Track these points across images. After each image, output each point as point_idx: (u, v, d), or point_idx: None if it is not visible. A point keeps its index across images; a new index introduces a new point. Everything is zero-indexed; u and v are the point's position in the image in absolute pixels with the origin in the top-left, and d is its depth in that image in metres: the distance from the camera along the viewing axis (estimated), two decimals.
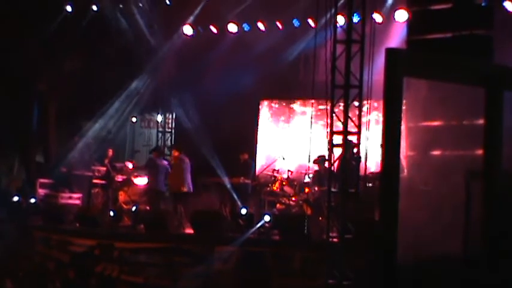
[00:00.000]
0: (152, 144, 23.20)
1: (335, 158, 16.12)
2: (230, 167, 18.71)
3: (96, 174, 20.82)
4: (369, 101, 14.02)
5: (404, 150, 15.95)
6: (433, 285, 9.58)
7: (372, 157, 14.25)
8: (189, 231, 16.72)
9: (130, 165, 20.83)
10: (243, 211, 16.74)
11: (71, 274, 17.14)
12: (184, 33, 21.74)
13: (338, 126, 13.51)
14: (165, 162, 19.81)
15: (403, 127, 7.44)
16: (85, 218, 18.19)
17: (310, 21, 18.88)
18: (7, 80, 22.05)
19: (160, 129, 23.23)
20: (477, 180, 8.48)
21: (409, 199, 16.39)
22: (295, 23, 19.84)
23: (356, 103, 13.45)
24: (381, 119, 6.59)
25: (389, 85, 6.41)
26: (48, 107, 23.75)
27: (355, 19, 13.86)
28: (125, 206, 19.55)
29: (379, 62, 8.14)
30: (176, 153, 18.67)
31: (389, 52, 6.48)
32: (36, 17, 21.47)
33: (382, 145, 6.44)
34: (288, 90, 20.50)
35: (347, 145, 16.07)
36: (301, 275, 14.22)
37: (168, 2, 21.58)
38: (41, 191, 21.09)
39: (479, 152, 6.99)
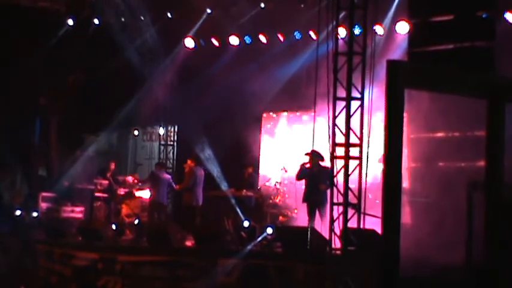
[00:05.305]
0: (154, 157, 23.19)
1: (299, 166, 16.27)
2: (233, 179, 18.71)
3: (99, 187, 20.80)
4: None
5: (406, 161, 15.95)
6: None
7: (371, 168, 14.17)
8: (192, 244, 16.70)
9: (130, 179, 20.85)
10: (246, 224, 16.73)
11: None
12: (186, 46, 21.78)
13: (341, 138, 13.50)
14: (168, 176, 19.85)
15: (405, 138, 7.43)
16: (87, 232, 18.18)
17: (311, 33, 18.88)
18: (9, 94, 22.07)
19: (162, 142, 23.20)
20: (479, 191, 8.46)
21: (412, 211, 16.39)
22: (297, 35, 19.85)
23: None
24: (381, 130, 6.55)
25: (391, 97, 6.40)
26: (51, 120, 23.77)
27: (357, 31, 13.89)
28: (127, 219, 19.57)
29: (381, 74, 8.14)
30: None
31: (391, 64, 6.48)
32: (38, 30, 21.50)
33: (383, 158, 6.42)
34: (290, 102, 20.49)
35: (313, 157, 16.12)
36: None
37: (169, 15, 21.61)
38: (44, 205, 21.09)
39: (481, 163, 6.98)
